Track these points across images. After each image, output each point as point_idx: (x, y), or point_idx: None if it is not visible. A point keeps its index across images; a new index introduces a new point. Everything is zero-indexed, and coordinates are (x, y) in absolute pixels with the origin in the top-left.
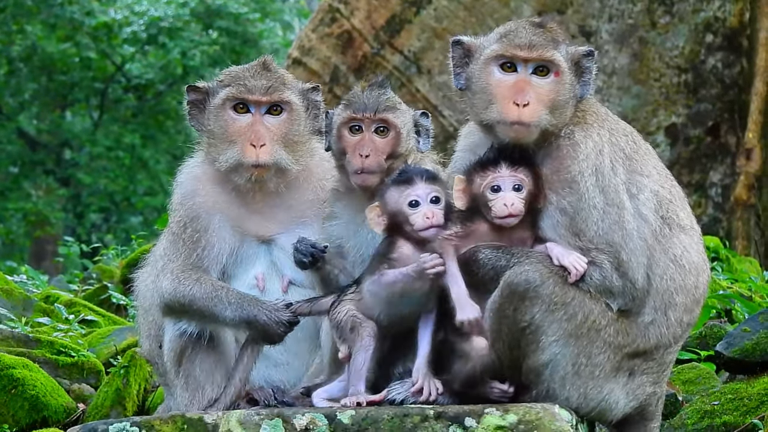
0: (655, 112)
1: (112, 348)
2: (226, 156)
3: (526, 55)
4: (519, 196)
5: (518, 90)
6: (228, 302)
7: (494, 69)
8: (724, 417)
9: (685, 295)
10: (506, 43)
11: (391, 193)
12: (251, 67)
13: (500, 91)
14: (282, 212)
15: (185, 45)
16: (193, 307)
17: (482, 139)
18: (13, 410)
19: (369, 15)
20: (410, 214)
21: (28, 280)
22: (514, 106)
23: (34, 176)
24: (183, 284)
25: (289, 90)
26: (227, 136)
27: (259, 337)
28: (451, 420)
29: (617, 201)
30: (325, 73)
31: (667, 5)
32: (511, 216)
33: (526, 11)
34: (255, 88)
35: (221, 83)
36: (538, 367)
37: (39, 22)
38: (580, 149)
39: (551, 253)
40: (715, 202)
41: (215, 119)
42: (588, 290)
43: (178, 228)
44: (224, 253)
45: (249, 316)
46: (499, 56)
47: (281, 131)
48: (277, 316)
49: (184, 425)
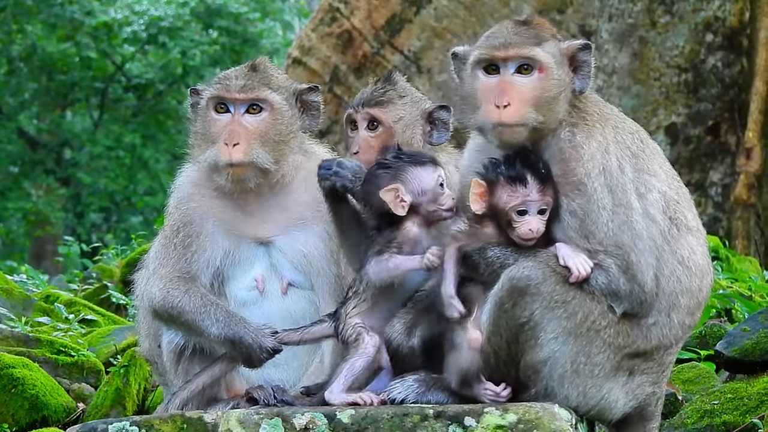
0: (655, 111)
1: (111, 347)
2: (205, 156)
3: (504, 55)
4: (543, 218)
5: (499, 91)
6: (215, 318)
7: (479, 73)
8: (724, 416)
9: (690, 297)
10: (486, 45)
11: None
12: (240, 67)
13: (483, 95)
14: (278, 214)
15: (185, 45)
16: (180, 319)
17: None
18: (12, 409)
19: (369, 14)
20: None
21: (28, 280)
22: (495, 108)
23: (34, 176)
24: (172, 294)
25: (271, 89)
26: (208, 136)
27: (239, 358)
28: (450, 419)
29: (625, 201)
30: (325, 72)
31: (667, 5)
32: (534, 239)
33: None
34: (233, 87)
35: (210, 84)
36: (536, 364)
37: (39, 22)
38: (583, 150)
39: (558, 252)
40: (715, 202)
41: (201, 120)
42: (592, 292)
43: (171, 232)
44: (217, 256)
45: (234, 336)
46: (481, 59)
47: (260, 130)
48: (262, 341)
49: (183, 424)
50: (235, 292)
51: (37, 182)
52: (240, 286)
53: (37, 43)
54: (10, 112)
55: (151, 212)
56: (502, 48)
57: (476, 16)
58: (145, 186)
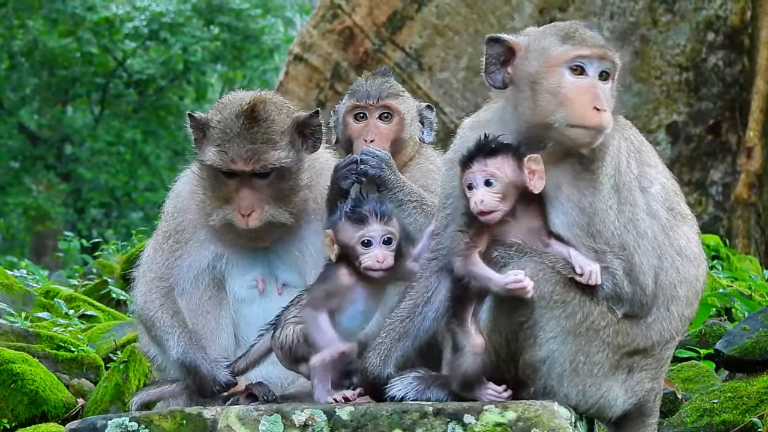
0: (656, 110)
1: (111, 343)
2: (217, 215)
3: (598, 57)
4: (491, 191)
5: (596, 95)
6: (177, 341)
7: (565, 71)
8: (724, 415)
9: (687, 287)
10: (577, 44)
11: (345, 227)
12: (240, 117)
13: (576, 96)
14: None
15: (186, 41)
16: (151, 332)
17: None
18: (12, 405)
19: (370, 11)
20: (361, 253)
21: (28, 275)
22: (595, 112)
23: (35, 171)
24: (148, 305)
25: (276, 149)
26: (217, 196)
27: (193, 386)
28: (450, 417)
29: (630, 199)
30: (326, 69)
31: (669, 3)
32: (483, 213)
33: (528, 8)
34: (238, 158)
35: (212, 137)
36: (535, 363)
37: (40, 17)
38: (608, 151)
39: (575, 260)
40: (715, 201)
41: (207, 177)
42: (594, 294)
43: (162, 238)
44: (203, 260)
45: (191, 364)
46: (574, 58)
47: (271, 193)
48: (217, 374)
49: (183, 420)
50: (235, 290)
51: (37, 177)
52: (239, 285)
53: (39, 39)
54: (11, 107)
55: (151, 208)
56: (597, 50)
57: (477, 13)
58: (146, 182)
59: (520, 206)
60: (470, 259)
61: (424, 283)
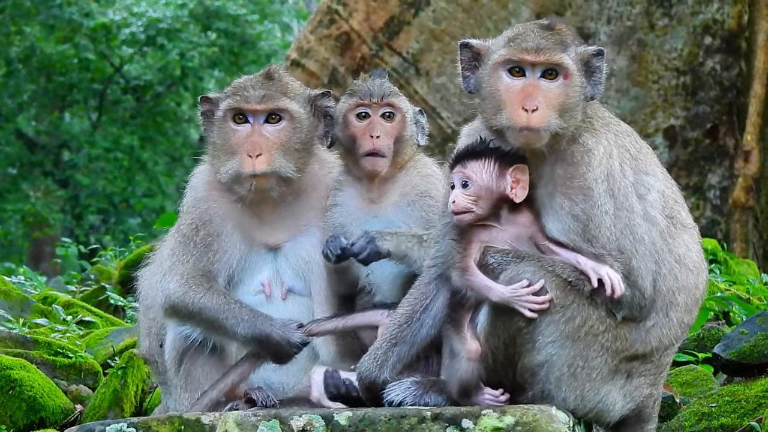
0: (653, 114)
1: (109, 349)
2: (226, 167)
3: (533, 59)
4: (465, 192)
5: (527, 95)
6: (241, 318)
7: (502, 74)
8: (722, 419)
9: (687, 294)
10: (514, 47)
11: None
12: (254, 76)
13: (509, 97)
14: (290, 220)
15: (184, 46)
16: (201, 316)
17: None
18: (10, 411)
19: (367, 16)
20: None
21: (26, 281)
22: (522, 112)
23: (33, 177)
24: (193, 290)
25: (288, 98)
26: (228, 147)
27: (268, 355)
28: (448, 422)
29: (627, 204)
30: (323, 74)
31: (666, 7)
32: (455, 213)
33: (525, 13)
34: (251, 98)
35: (225, 94)
36: (534, 367)
37: (38, 23)
38: (593, 156)
39: (585, 266)
40: (713, 205)
41: (218, 131)
42: (592, 297)
43: (189, 230)
44: (234, 259)
45: (261, 334)
46: (507, 61)
47: (281, 140)
48: (290, 337)
49: (181, 426)
50: (241, 295)
51: (35, 184)
52: (247, 289)
53: (36, 45)
54: (9, 114)
55: (149, 214)
56: (533, 52)
57: (474, 18)
58: (144, 188)
59: (507, 213)
60: (468, 270)
61: (422, 290)
